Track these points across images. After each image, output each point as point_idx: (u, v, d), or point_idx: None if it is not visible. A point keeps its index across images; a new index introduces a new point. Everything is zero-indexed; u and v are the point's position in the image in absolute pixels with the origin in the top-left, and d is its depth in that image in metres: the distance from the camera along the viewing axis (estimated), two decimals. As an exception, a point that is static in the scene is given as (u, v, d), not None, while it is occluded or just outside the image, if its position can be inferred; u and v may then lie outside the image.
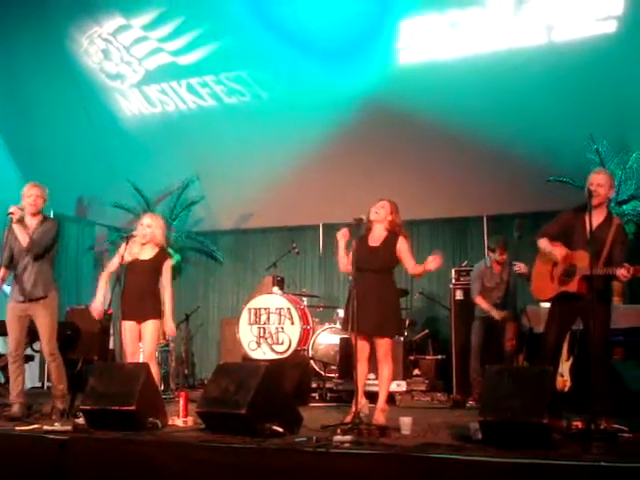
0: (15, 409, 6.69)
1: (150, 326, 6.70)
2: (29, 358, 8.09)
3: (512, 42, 9.73)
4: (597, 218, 5.77)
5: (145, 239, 6.80)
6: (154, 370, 6.68)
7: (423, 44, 10.18)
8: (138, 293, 6.71)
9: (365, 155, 10.68)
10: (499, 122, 9.80)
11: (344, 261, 6.34)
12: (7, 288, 7.03)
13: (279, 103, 10.96)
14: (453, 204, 10.66)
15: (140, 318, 6.70)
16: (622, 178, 9.39)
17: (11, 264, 6.80)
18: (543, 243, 6.00)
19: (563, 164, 9.56)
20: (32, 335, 7.12)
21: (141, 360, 6.81)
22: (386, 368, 6.27)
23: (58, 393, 6.82)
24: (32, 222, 6.80)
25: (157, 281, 6.84)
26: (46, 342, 6.75)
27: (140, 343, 6.85)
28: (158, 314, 6.78)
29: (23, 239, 6.64)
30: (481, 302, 8.19)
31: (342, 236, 6.27)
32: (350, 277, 6.29)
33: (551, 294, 5.91)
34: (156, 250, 6.83)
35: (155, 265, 6.80)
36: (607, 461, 4.17)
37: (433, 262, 6.05)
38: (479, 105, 9.81)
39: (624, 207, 9.35)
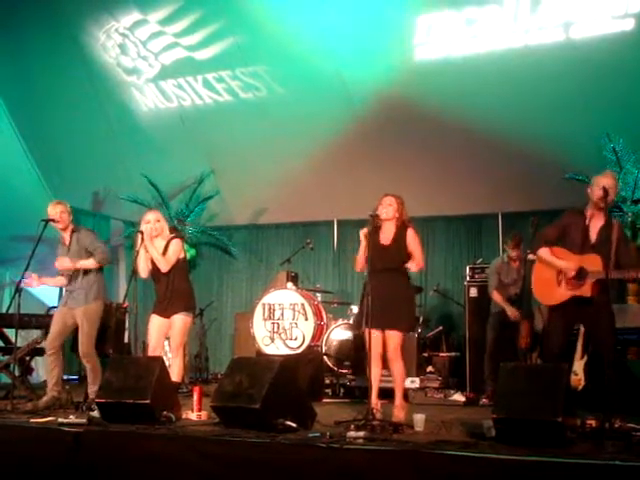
0: (45, 399, 6.93)
1: (179, 320, 6.76)
2: (42, 351, 8.17)
3: (529, 39, 9.67)
4: (600, 221, 5.82)
5: (156, 232, 6.84)
6: (180, 364, 6.76)
7: (439, 40, 10.13)
8: (166, 292, 6.79)
9: (380, 151, 10.67)
10: (515, 119, 9.76)
11: (361, 260, 6.33)
12: (25, 283, 7.13)
13: (295, 99, 10.95)
14: (468, 201, 10.64)
15: (169, 315, 6.77)
16: (638, 177, 9.35)
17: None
18: (544, 254, 5.95)
19: (579, 162, 9.52)
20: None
21: (168, 353, 6.90)
22: (398, 365, 6.27)
23: (94, 394, 6.93)
24: (66, 235, 7.20)
25: (181, 274, 6.90)
26: (81, 344, 7.02)
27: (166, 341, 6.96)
28: (188, 308, 6.85)
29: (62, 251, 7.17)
30: (497, 297, 8.19)
31: (365, 235, 6.24)
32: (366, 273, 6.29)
33: (561, 299, 5.83)
34: (164, 242, 6.88)
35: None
36: (622, 460, 4.17)
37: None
38: (495, 102, 9.78)
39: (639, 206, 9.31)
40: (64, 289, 7.24)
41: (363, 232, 6.26)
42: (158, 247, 6.82)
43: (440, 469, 4.42)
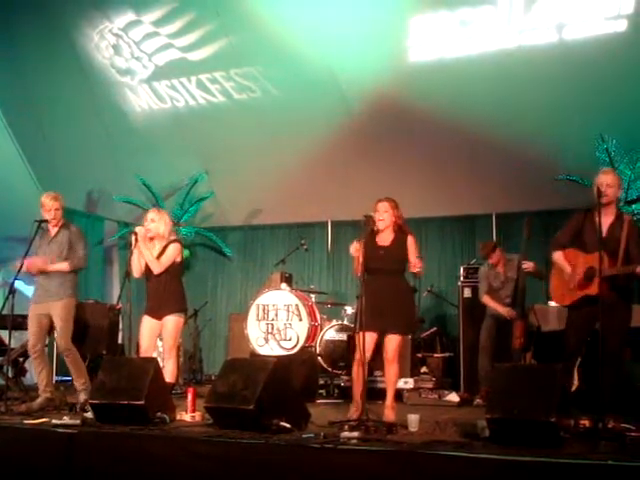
0: (38, 400, 6.91)
1: (170, 321, 6.73)
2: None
3: (523, 40, 9.65)
4: (608, 218, 5.78)
5: (150, 234, 6.81)
6: (173, 365, 6.75)
7: (433, 42, 10.12)
8: (157, 293, 6.77)
9: (374, 152, 10.67)
10: (508, 120, 9.77)
11: (358, 267, 6.18)
12: (19, 283, 7.11)
13: (289, 100, 10.93)
14: (462, 202, 10.66)
15: (160, 316, 6.75)
16: (631, 178, 9.38)
17: None
18: (557, 257, 6.02)
19: (572, 163, 9.55)
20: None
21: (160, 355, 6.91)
22: (394, 367, 6.28)
23: (80, 387, 6.94)
24: (53, 230, 7.17)
25: (174, 276, 6.87)
26: (59, 338, 7.00)
27: (158, 339, 6.95)
28: (179, 310, 6.83)
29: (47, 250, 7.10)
30: (488, 301, 8.24)
31: (356, 251, 6.12)
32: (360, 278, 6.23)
33: (572, 299, 5.89)
34: (163, 244, 6.85)
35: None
36: (615, 460, 4.18)
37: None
38: (488, 103, 9.78)
39: (633, 207, 9.33)
40: (35, 287, 7.18)
41: (354, 247, 6.16)
42: (155, 251, 6.80)
43: (434, 469, 4.42)
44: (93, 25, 11.67)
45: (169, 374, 6.62)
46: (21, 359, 8.69)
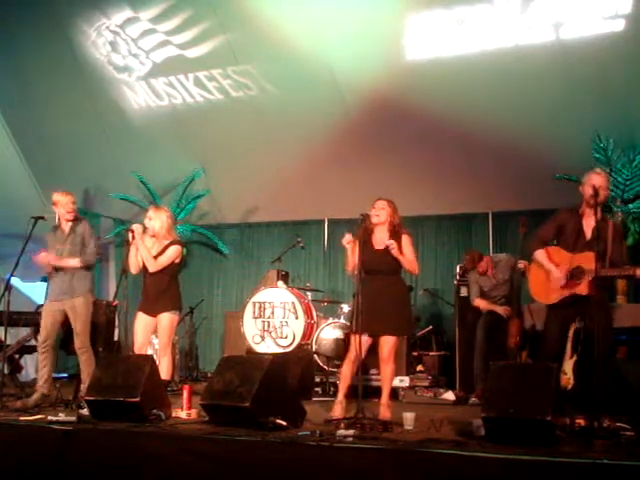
0: (34, 396, 6.92)
1: (165, 319, 6.76)
2: (32, 349, 8.16)
3: (519, 39, 9.64)
4: (594, 218, 5.79)
5: (148, 233, 6.83)
6: (168, 363, 6.75)
7: (430, 40, 10.11)
8: (154, 291, 6.79)
9: (371, 151, 10.67)
10: (505, 119, 9.77)
11: (351, 263, 6.26)
12: (15, 280, 7.11)
13: (286, 98, 10.92)
14: (458, 201, 10.66)
15: (155, 313, 6.77)
16: (628, 177, 9.38)
17: None
18: (539, 256, 6.00)
19: (569, 162, 9.53)
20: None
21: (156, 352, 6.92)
22: (390, 366, 6.29)
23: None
24: (66, 225, 7.18)
25: (170, 275, 6.87)
26: (77, 335, 7.01)
27: (154, 336, 6.94)
28: (174, 307, 6.85)
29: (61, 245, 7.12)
30: (481, 303, 8.26)
31: (348, 242, 6.20)
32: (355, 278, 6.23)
33: (558, 297, 5.87)
34: (163, 244, 6.85)
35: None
36: (610, 459, 4.19)
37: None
38: (485, 102, 9.79)
39: (630, 206, 9.34)
40: (51, 283, 7.18)
41: (346, 240, 6.22)
42: (155, 248, 6.80)
43: (430, 468, 4.42)
44: (90, 22, 11.65)
45: (164, 371, 6.62)
46: (17, 355, 8.68)
